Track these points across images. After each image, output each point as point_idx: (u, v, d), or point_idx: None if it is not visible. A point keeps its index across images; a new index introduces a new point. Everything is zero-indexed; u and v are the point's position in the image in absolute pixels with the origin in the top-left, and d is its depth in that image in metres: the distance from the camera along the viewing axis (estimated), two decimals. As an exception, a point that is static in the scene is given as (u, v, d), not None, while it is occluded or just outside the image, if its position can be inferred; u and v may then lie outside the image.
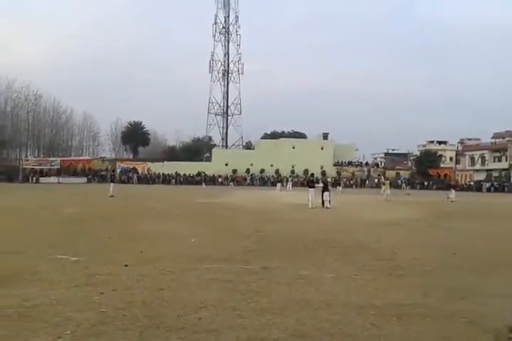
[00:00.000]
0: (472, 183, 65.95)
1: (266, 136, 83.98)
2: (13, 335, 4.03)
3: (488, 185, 62.85)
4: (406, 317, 4.82)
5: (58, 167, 61.01)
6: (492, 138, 75.83)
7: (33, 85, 69.34)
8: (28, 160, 62.07)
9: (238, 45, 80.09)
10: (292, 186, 47.29)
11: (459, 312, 5.00)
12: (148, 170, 66.12)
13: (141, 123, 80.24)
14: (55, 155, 68.22)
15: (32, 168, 60.16)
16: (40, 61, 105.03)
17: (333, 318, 4.73)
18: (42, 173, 59.66)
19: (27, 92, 69.61)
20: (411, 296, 5.68)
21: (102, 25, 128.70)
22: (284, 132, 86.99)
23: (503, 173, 66.23)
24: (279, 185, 45.12)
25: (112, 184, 28.89)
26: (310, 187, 21.47)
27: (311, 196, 20.76)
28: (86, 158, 70.16)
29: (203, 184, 56.52)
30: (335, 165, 68.67)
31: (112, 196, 26.40)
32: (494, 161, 70.43)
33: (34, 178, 57.22)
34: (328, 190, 21.70)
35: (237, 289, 5.87)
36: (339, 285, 6.25)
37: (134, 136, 78.53)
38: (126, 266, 7.11)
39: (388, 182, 33.71)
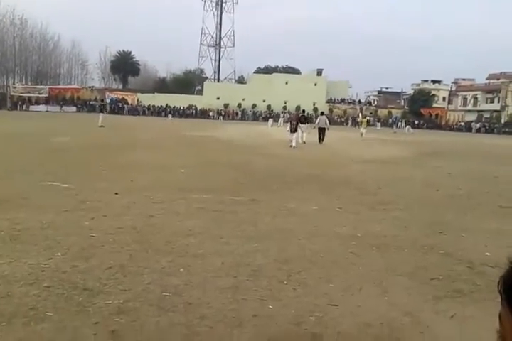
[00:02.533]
0: (463, 124, 66.02)
1: (259, 71, 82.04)
2: (5, 255, 4.16)
3: (478, 125, 62.98)
4: (385, 247, 5.03)
5: (46, 95, 59.69)
6: (486, 79, 74.84)
7: (19, 9, 66.07)
8: (15, 88, 60.51)
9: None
10: (284, 122, 47.02)
11: (437, 245, 5.22)
12: (138, 101, 65.04)
13: (130, 52, 77.54)
14: (43, 84, 66.49)
15: (20, 96, 58.81)
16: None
17: (315, 247, 4.92)
18: (30, 101, 58.47)
19: (12, 16, 66.41)
20: (392, 229, 5.89)
21: None
22: (277, 67, 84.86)
23: (494, 115, 66.18)
24: (270, 120, 44.51)
25: (101, 114, 28.35)
26: (302, 123, 20.90)
27: (300, 132, 20.37)
28: (75, 86, 68.38)
29: (169, 116, 55.69)
30: (327, 102, 67.94)
31: (102, 126, 26.13)
32: (486, 102, 70.01)
33: (24, 106, 56.18)
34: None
35: (224, 218, 6.04)
36: (323, 217, 6.44)
37: (124, 66, 76.22)
38: (116, 193, 7.22)
39: (365, 120, 32.53)
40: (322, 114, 25.49)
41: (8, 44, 67.32)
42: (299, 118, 18.79)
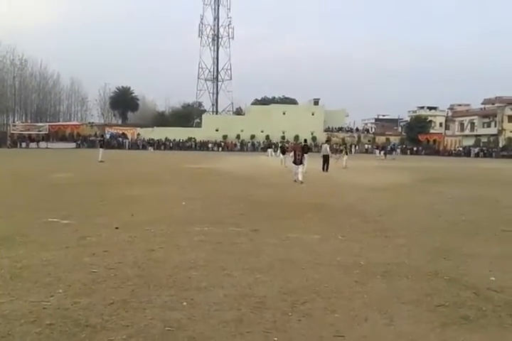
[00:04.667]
0: (461, 149, 66.40)
1: (256, 102, 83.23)
2: (6, 294, 4.12)
3: (476, 150, 63.34)
4: (390, 275, 4.98)
5: (46, 132, 60.26)
6: (482, 103, 75.83)
7: (18, 50, 67.68)
8: (15, 126, 61.20)
9: (228, 8, 78.17)
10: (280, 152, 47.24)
11: (441, 271, 5.17)
12: (137, 135, 65.63)
13: (129, 88, 78.93)
14: (43, 121, 67.23)
15: (20, 133, 59.39)
16: (25, 26, 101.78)
17: (319, 277, 4.87)
18: (30, 138, 58.95)
19: (12, 57, 67.94)
20: (395, 256, 5.85)
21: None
22: (274, 98, 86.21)
23: (492, 139, 66.70)
24: (269, 150, 44.28)
25: (101, 149, 28.59)
26: (304, 152, 19.33)
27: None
28: (74, 123, 69.24)
29: (150, 148, 57.35)
30: (325, 130, 68.56)
31: (102, 161, 26.29)
32: (483, 127, 70.73)
33: (23, 143, 56.64)
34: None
35: (226, 250, 6.00)
36: (325, 245, 6.40)
37: (123, 101, 77.41)
38: (117, 228, 7.20)
39: (344, 147, 32.25)
40: (326, 142, 26.11)
41: (8, 83, 68.56)
42: (302, 148, 17.32)
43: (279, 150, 46.34)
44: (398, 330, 3.53)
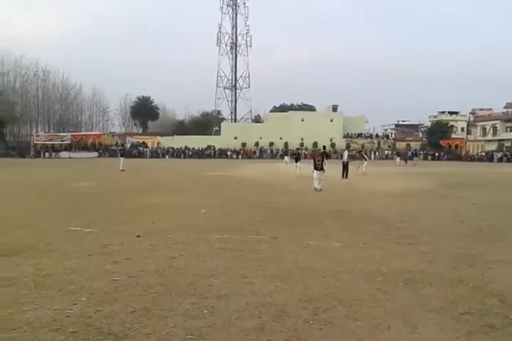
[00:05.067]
0: (483, 153, 65.31)
1: (275, 109, 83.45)
2: (31, 302, 4.19)
3: (499, 155, 62.21)
4: (412, 283, 4.91)
5: (69, 142, 61.35)
6: (504, 107, 74.59)
7: (41, 61, 69.50)
8: (38, 136, 62.49)
9: (246, 17, 78.84)
10: (302, 159, 47.09)
11: (465, 278, 5.08)
12: (158, 144, 66.32)
13: (149, 97, 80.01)
14: (66, 131, 68.60)
15: (43, 144, 60.59)
16: (48, 37, 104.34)
17: (340, 284, 4.83)
18: (53, 148, 60.09)
19: (35, 68, 69.72)
20: (418, 263, 5.76)
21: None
22: (293, 105, 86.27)
23: (515, 143, 65.47)
24: (286, 157, 43.30)
25: (121, 158, 28.94)
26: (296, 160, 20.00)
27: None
28: (96, 133, 70.35)
29: (167, 156, 59.00)
30: (344, 137, 68.25)
31: (123, 170, 26.60)
32: (506, 131, 69.50)
33: (47, 153, 57.76)
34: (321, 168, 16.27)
35: (246, 257, 5.99)
36: (347, 253, 6.34)
37: (143, 111, 78.50)
38: (138, 236, 7.26)
39: (364, 153, 32.21)
40: (346, 148, 26.09)
41: (32, 94, 70.29)
42: (322, 155, 16.97)
43: (290, 157, 46.52)
44: (422, 339, 3.47)
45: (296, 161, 28.24)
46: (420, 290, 4.68)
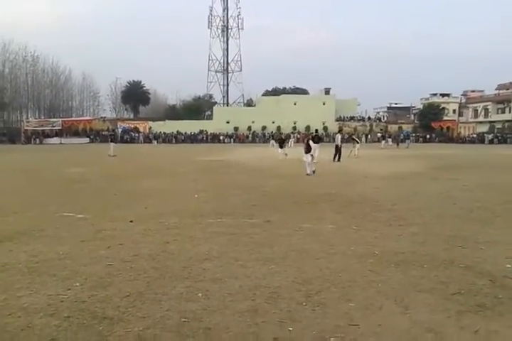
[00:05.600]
0: (475, 135, 65.60)
1: (267, 93, 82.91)
2: (25, 287, 4.20)
3: (490, 136, 62.50)
4: (404, 264, 4.96)
5: (60, 128, 60.81)
6: (496, 89, 74.68)
7: (30, 46, 68.36)
8: (29, 122, 61.83)
9: (238, -1, 77.62)
10: (294, 143, 47.03)
11: (456, 259, 5.14)
12: (149, 129, 65.91)
13: (140, 82, 79.14)
14: (56, 116, 67.84)
15: (33, 130, 60.04)
16: (37, 22, 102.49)
17: (333, 266, 4.88)
18: (44, 134, 59.60)
19: (24, 53, 68.63)
20: (410, 245, 5.82)
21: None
22: (285, 88, 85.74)
23: (506, 125, 65.73)
24: (272, 141, 39.63)
25: (112, 144, 28.64)
26: (315, 142, 18.85)
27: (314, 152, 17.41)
28: (87, 118, 69.71)
29: (155, 142, 58.40)
30: (337, 120, 68.08)
31: (114, 156, 26.43)
32: (497, 113, 69.71)
33: (37, 140, 57.29)
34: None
35: (240, 241, 6.02)
36: (339, 235, 6.39)
37: (134, 96, 77.69)
38: (131, 221, 7.26)
39: (355, 136, 32.32)
40: (339, 131, 25.85)
41: (21, 80, 69.31)
42: (313, 138, 17.14)
43: (291, 141, 46.16)
44: (414, 319, 3.53)
45: (280, 147, 25.38)
46: (412, 271, 4.74)
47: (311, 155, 15.78)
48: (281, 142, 26.16)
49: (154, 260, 5.13)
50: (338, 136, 23.83)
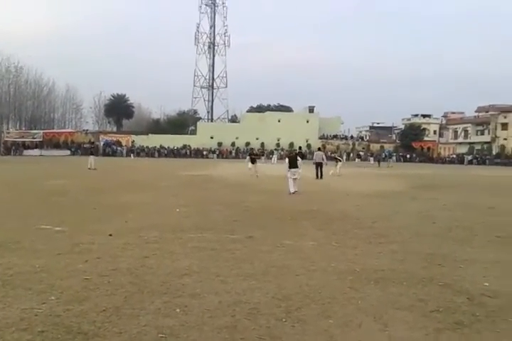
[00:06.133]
0: (454, 156, 66.75)
1: (251, 109, 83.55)
2: (-2, 301, 4.08)
3: (470, 157, 63.71)
4: (384, 281, 4.97)
5: (41, 139, 60.19)
6: (475, 111, 76.37)
7: (14, 57, 67.89)
8: (9, 133, 61.08)
9: (225, 17, 78.67)
10: (277, 159, 47.35)
11: (435, 277, 5.17)
12: (132, 142, 65.56)
13: (124, 95, 79.05)
14: (38, 128, 67.13)
15: (14, 141, 59.25)
16: (22, 34, 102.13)
17: (313, 283, 4.86)
18: (24, 146, 58.82)
19: (7, 64, 68.07)
20: (389, 262, 5.85)
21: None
22: (269, 105, 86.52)
23: (485, 146, 67.13)
24: (247, 158, 39.09)
25: (91, 157, 28.20)
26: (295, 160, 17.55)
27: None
28: (69, 130, 69.13)
29: (132, 155, 58.44)
30: (320, 138, 68.77)
31: (94, 169, 26.10)
32: (477, 134, 71.20)
33: (17, 151, 56.48)
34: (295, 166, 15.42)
35: (220, 256, 5.97)
36: (320, 252, 6.39)
37: (118, 109, 77.46)
38: (110, 235, 7.16)
39: (337, 155, 32.65)
40: (319, 149, 25.98)
41: (3, 90, 68.62)
42: (297, 155, 16.62)
43: (274, 157, 46.43)
44: (392, 336, 3.52)
45: (252, 162, 23.93)
46: (391, 288, 4.74)
47: (294, 173, 15.33)
48: (253, 158, 24.33)
49: (133, 274, 5.05)
50: (319, 154, 23.89)
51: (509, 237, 7.78)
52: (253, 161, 23.96)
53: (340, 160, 28.03)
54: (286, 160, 15.77)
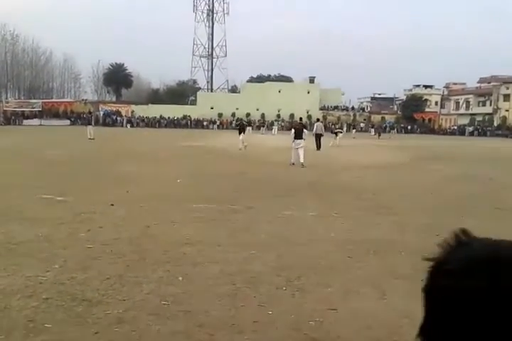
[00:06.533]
0: (456, 127, 66.44)
1: (252, 80, 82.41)
2: (2, 269, 4.15)
3: (471, 129, 63.42)
4: (382, 251, 5.04)
5: (40, 109, 59.63)
6: (477, 82, 75.46)
7: (9, 25, 66.52)
8: (8, 102, 60.50)
9: (223, -18, 76.50)
10: (278, 130, 47.15)
11: (433, 247, 5.22)
12: (132, 112, 65.09)
13: (123, 64, 77.66)
14: (36, 98, 66.42)
15: (13, 111, 58.78)
16: (17, 2, 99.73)
17: (313, 253, 4.93)
18: (23, 115, 58.43)
19: (3, 32, 66.77)
20: (388, 233, 5.91)
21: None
22: (270, 76, 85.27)
23: (486, 118, 66.66)
24: (248, 128, 39.55)
25: (89, 126, 27.90)
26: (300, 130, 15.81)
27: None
28: (68, 100, 68.48)
29: (128, 125, 56.85)
30: (321, 109, 68.17)
31: (92, 139, 25.98)
32: (478, 106, 70.56)
33: (17, 120, 56.17)
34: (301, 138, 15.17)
35: (221, 226, 6.04)
36: (320, 223, 6.45)
37: (117, 78, 76.31)
38: (112, 205, 7.21)
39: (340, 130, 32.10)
40: (318, 120, 25.79)
41: (0, 59, 67.48)
42: (303, 126, 16.48)
43: (274, 129, 46.25)
44: (390, 304, 3.59)
45: (240, 133, 22.55)
46: (390, 258, 4.81)
47: (299, 144, 14.98)
48: (241, 129, 23.04)
49: (134, 243, 5.12)
50: (319, 125, 23.77)
51: (508, 209, 7.83)
52: (240, 132, 22.68)
53: (341, 132, 27.88)
54: (292, 131, 15.62)
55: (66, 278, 3.98)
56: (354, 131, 46.40)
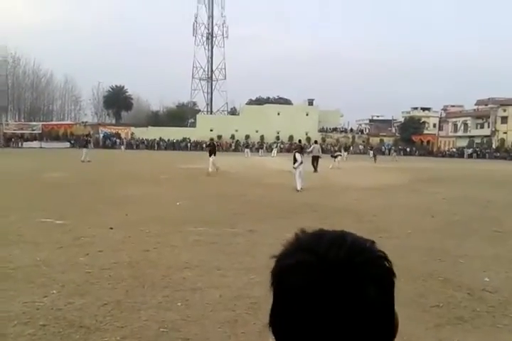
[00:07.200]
0: (454, 149, 66.70)
1: (251, 102, 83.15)
2: None
3: (470, 151, 63.65)
4: (384, 276, 4.97)
5: (40, 131, 59.93)
6: (475, 104, 76.14)
7: (10, 48, 67.40)
8: (8, 125, 60.83)
9: (223, 7, 78.01)
10: (277, 152, 47.36)
11: (435, 272, 5.19)
12: (131, 135, 65.38)
13: (123, 87, 78.53)
14: (37, 120, 66.87)
15: (13, 133, 59.05)
16: (19, 25, 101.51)
17: (314, 277, 4.87)
18: (23, 138, 58.66)
19: (4, 54, 67.57)
20: (389, 257, 5.83)
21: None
22: (269, 98, 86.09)
23: (485, 140, 66.99)
24: (247, 150, 42.83)
25: (84, 149, 27.69)
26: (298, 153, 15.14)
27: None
28: (68, 122, 68.87)
29: (122, 147, 56.04)
30: (320, 131, 68.59)
31: (88, 161, 25.90)
32: (476, 128, 70.98)
33: (17, 143, 56.34)
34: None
35: (221, 250, 5.99)
36: (321, 246, 6.39)
37: (117, 101, 76.99)
38: (111, 228, 7.17)
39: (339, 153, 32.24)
40: (316, 142, 25.87)
41: (1, 82, 68.11)
42: (296, 148, 16.04)
43: (274, 151, 46.38)
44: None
45: (210, 155, 20.50)
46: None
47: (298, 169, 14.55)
48: (212, 149, 20.91)
49: (134, 268, 5.07)
50: (316, 147, 23.81)
51: (508, 232, 7.80)
52: (211, 153, 20.48)
53: (340, 155, 27.94)
54: (298, 155, 14.42)
55: (63, 303, 3.92)
56: (346, 153, 45.13)
